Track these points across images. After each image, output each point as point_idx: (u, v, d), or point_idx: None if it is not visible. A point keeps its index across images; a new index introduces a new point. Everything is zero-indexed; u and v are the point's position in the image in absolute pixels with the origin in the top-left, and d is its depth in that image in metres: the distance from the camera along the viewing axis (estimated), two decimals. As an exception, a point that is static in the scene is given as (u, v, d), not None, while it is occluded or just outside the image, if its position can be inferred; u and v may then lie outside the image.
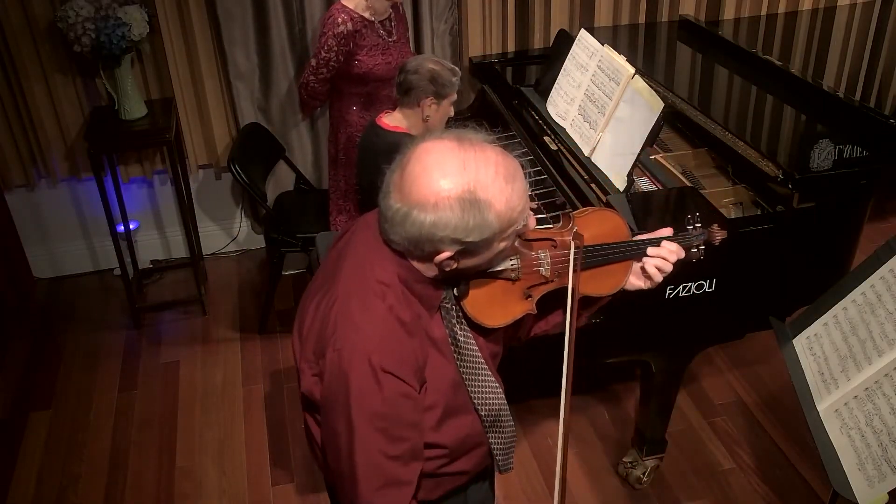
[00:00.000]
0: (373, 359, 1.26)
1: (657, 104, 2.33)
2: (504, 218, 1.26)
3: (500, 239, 1.29)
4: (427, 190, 1.22)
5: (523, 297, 1.44)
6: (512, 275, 1.41)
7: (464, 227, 1.23)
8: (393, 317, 1.31)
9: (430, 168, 1.23)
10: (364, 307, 1.31)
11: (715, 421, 2.91)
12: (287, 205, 3.48)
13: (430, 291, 1.36)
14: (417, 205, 1.23)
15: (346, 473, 1.31)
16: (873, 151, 2.38)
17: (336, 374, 1.29)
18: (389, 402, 1.28)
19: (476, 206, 1.22)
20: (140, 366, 3.29)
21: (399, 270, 1.33)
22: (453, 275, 1.34)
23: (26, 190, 3.58)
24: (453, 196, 1.21)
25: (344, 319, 1.30)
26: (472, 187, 1.22)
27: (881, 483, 1.58)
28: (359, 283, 1.33)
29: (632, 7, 3.72)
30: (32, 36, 3.18)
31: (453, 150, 1.24)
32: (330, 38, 2.81)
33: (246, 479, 2.76)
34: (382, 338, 1.29)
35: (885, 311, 1.72)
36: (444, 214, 1.22)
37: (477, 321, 1.41)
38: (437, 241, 1.25)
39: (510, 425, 1.58)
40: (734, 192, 2.47)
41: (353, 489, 1.31)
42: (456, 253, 1.27)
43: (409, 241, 1.27)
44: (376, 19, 2.90)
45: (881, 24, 3.52)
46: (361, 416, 1.28)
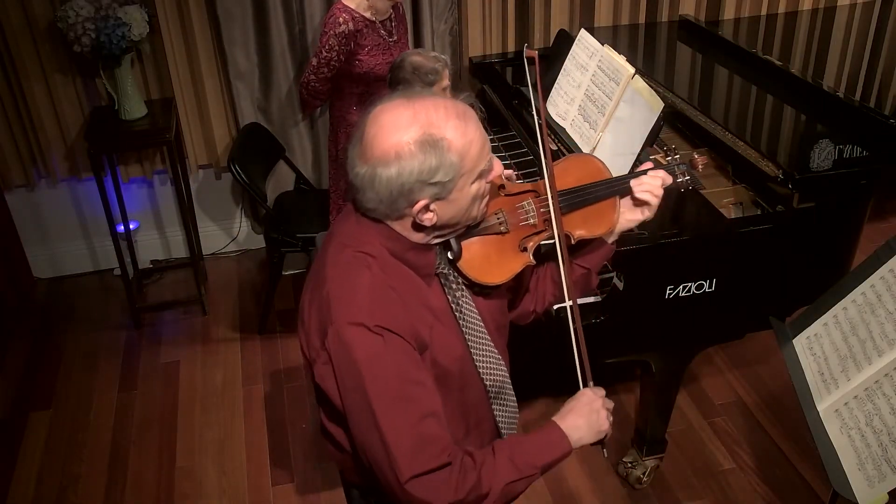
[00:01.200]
0: (367, 322, 1.29)
1: (657, 104, 2.33)
2: (465, 154, 1.29)
3: (469, 181, 1.32)
4: (386, 145, 1.26)
5: (519, 251, 1.46)
6: (501, 228, 1.44)
7: (428, 168, 1.26)
8: (380, 282, 1.33)
9: (385, 126, 1.27)
10: (351, 280, 1.33)
11: (715, 421, 2.91)
12: (287, 205, 3.48)
13: (422, 258, 1.38)
14: (380, 161, 1.27)
15: (376, 444, 1.30)
16: (873, 151, 2.38)
17: (340, 350, 1.30)
18: (395, 361, 1.30)
19: (434, 145, 1.26)
20: (140, 366, 3.29)
21: (384, 242, 1.36)
22: (437, 231, 1.36)
23: (26, 190, 3.58)
24: (411, 142, 1.26)
25: (336, 297, 1.32)
26: (428, 129, 1.26)
27: (881, 483, 1.58)
28: (344, 261, 1.35)
29: (632, 7, 3.72)
30: (32, 36, 3.18)
31: (403, 104, 1.29)
32: (331, 37, 2.81)
33: (246, 479, 2.76)
34: (372, 301, 1.31)
35: (885, 311, 1.72)
36: (406, 162, 1.26)
37: (478, 281, 1.43)
38: (408, 191, 1.28)
39: (513, 400, 1.60)
40: (734, 192, 2.47)
41: (387, 463, 1.30)
42: (431, 199, 1.30)
43: (383, 203, 1.30)
44: (377, 19, 2.91)
45: (881, 24, 3.52)
46: (375, 385, 1.29)
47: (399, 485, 1.29)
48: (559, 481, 2.69)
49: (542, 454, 1.40)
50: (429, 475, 1.29)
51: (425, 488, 1.29)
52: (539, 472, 1.39)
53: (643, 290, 2.15)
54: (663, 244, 2.12)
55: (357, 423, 1.33)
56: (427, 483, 1.29)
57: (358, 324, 1.29)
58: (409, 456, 1.29)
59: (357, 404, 1.31)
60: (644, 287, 2.16)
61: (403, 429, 1.29)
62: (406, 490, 1.29)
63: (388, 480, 1.31)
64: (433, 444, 1.31)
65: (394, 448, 1.28)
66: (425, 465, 1.29)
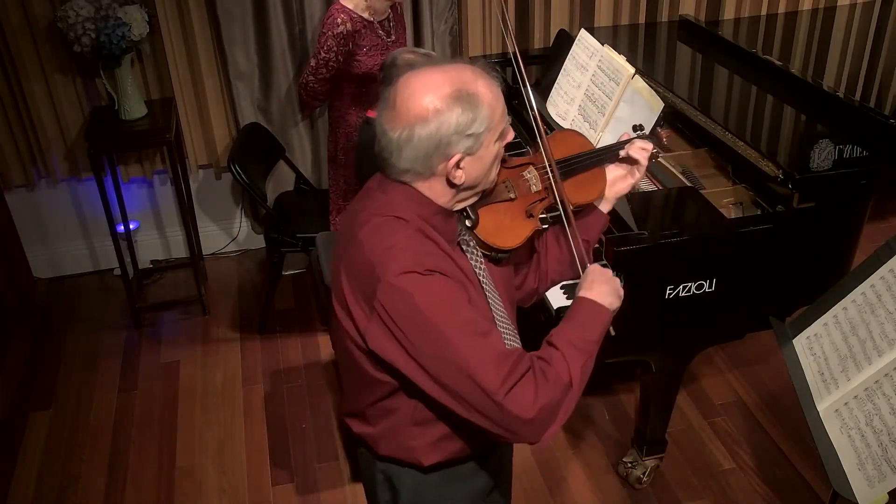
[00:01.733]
0: (416, 268, 1.33)
1: (657, 104, 2.33)
2: (495, 108, 1.38)
3: (492, 138, 1.40)
4: (422, 104, 1.33)
5: (526, 216, 1.57)
6: (510, 195, 1.55)
7: (465, 120, 1.34)
8: (420, 234, 1.39)
9: (417, 89, 1.35)
10: (388, 239, 1.37)
11: (715, 421, 2.91)
12: (287, 205, 3.48)
13: (446, 223, 1.45)
14: (417, 120, 1.33)
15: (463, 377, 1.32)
16: (873, 151, 2.38)
17: (395, 302, 1.33)
18: (451, 294, 1.35)
19: (469, 98, 1.34)
20: (140, 366, 3.29)
21: (413, 206, 1.41)
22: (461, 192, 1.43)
23: (26, 190, 3.58)
24: (447, 97, 1.33)
25: (377, 257, 1.36)
26: (461, 85, 1.35)
27: (881, 483, 1.58)
28: (378, 225, 1.40)
29: (632, 7, 3.72)
30: (32, 36, 3.19)
31: (430, 68, 1.38)
32: (330, 38, 2.81)
33: (246, 479, 2.76)
34: (414, 250, 1.36)
35: (885, 311, 1.72)
36: (444, 116, 1.33)
37: (494, 246, 1.51)
38: (445, 145, 1.35)
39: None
40: (734, 192, 2.47)
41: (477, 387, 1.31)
42: (464, 153, 1.37)
43: (419, 160, 1.36)
44: (375, 19, 2.90)
45: (881, 24, 3.52)
46: (442, 318, 1.32)
47: (497, 406, 1.31)
48: (559, 481, 2.69)
49: (593, 329, 1.46)
50: (518, 386, 1.32)
51: (521, 400, 1.32)
52: (597, 346, 1.46)
53: (643, 291, 2.15)
54: (663, 244, 2.12)
55: (434, 365, 1.34)
56: (520, 394, 1.32)
57: (407, 272, 1.33)
58: (495, 373, 1.31)
59: (429, 346, 1.33)
60: (644, 287, 2.16)
61: (480, 351, 1.32)
62: (506, 408, 1.31)
63: (484, 407, 1.33)
64: (510, 356, 1.34)
65: (479, 372, 1.31)
66: (512, 378, 1.32)
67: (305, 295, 3.67)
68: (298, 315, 3.55)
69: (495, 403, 1.31)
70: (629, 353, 2.40)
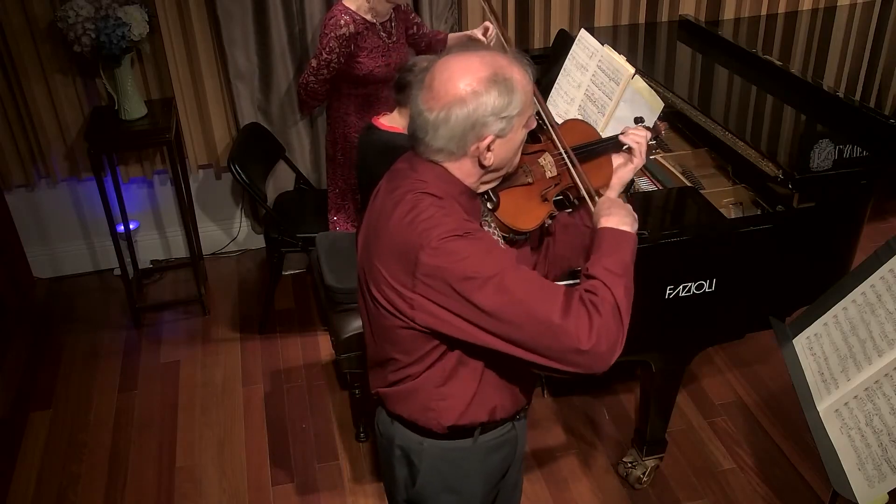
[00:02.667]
0: (458, 232, 1.38)
1: (657, 104, 2.33)
2: (527, 94, 1.45)
3: (521, 122, 1.46)
4: (459, 87, 1.39)
5: (542, 200, 1.63)
6: (528, 179, 1.61)
7: (502, 103, 1.40)
8: (455, 203, 1.45)
9: (455, 72, 1.40)
10: (426, 210, 1.41)
11: (715, 421, 2.91)
12: (287, 205, 3.48)
13: (471, 203, 1.51)
14: (456, 102, 1.39)
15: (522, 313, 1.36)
16: (873, 151, 2.38)
17: (442, 265, 1.37)
18: (491, 246, 1.42)
19: (505, 83, 1.40)
20: (140, 366, 3.29)
21: (443, 185, 1.46)
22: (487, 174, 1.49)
23: (26, 190, 3.58)
24: (485, 80, 1.39)
25: (414, 229, 1.40)
26: (498, 70, 1.41)
27: (881, 483, 1.58)
28: (413, 202, 1.43)
29: (632, 7, 3.72)
30: (32, 36, 3.18)
31: (467, 54, 1.44)
32: (332, 39, 2.81)
33: (246, 479, 2.76)
34: (453, 218, 1.41)
35: (885, 311, 1.72)
36: (481, 99, 1.39)
37: (514, 227, 1.57)
38: (480, 125, 1.40)
39: None
40: (734, 192, 2.47)
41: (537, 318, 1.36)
42: (496, 135, 1.42)
43: (453, 140, 1.41)
44: (377, 21, 2.90)
45: (881, 24, 3.52)
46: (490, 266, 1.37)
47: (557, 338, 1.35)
48: (559, 481, 2.69)
49: (623, 253, 1.49)
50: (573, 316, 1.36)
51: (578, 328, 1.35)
52: (631, 267, 1.50)
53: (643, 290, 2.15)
54: (663, 244, 2.12)
55: (492, 312, 1.37)
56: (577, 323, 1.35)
57: (449, 236, 1.37)
58: (552, 306, 1.36)
59: (483, 294, 1.36)
60: (644, 287, 2.15)
61: (533, 288, 1.38)
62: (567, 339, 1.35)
63: (546, 341, 1.36)
64: (559, 289, 1.39)
65: (538, 306, 1.36)
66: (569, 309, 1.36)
67: (305, 295, 3.67)
68: (298, 315, 3.55)
69: (555, 336, 1.35)
70: (629, 353, 2.36)
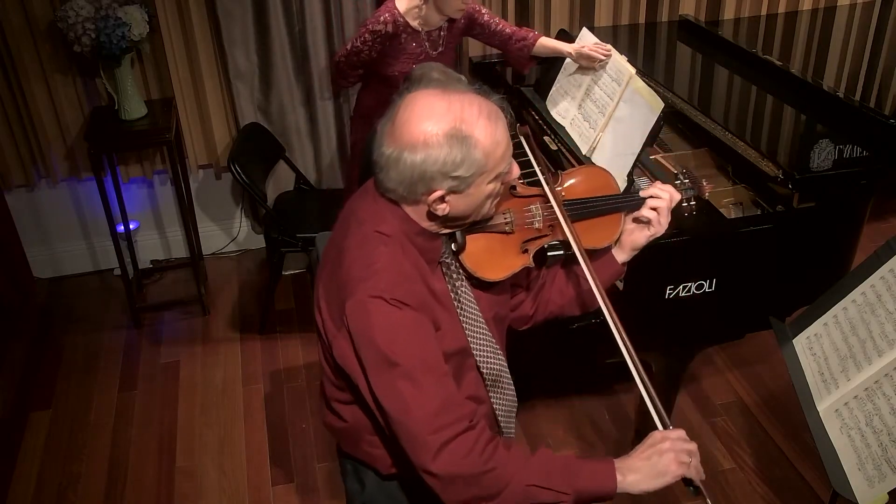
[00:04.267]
0: (385, 296, 1.33)
1: (657, 104, 2.33)
2: (490, 154, 1.33)
3: (486, 180, 1.36)
4: (416, 131, 1.30)
5: (520, 251, 1.51)
6: (506, 227, 1.48)
7: (452, 160, 1.30)
8: (397, 258, 1.38)
9: (418, 113, 1.31)
10: (370, 256, 1.37)
11: (715, 421, 2.91)
12: (287, 205, 3.48)
13: (429, 244, 1.43)
14: (408, 146, 1.31)
15: (402, 414, 1.32)
16: (873, 151, 2.38)
17: (359, 321, 1.33)
18: (413, 331, 1.34)
19: (463, 141, 1.30)
20: (140, 366, 3.29)
21: (398, 223, 1.40)
22: (446, 222, 1.40)
23: (26, 190, 3.58)
24: (441, 133, 1.29)
25: (354, 272, 1.36)
26: (458, 124, 1.30)
27: (881, 483, 1.58)
28: (363, 238, 1.39)
29: (632, 7, 3.72)
30: (32, 36, 3.18)
31: (438, 96, 1.33)
32: (367, 32, 2.76)
33: (246, 479, 2.76)
34: (390, 277, 1.35)
35: (885, 311, 1.72)
36: (433, 151, 1.30)
37: (477, 275, 1.47)
38: (429, 178, 1.32)
39: (511, 390, 1.62)
40: (734, 192, 2.47)
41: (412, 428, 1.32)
42: (447, 192, 1.34)
43: (403, 185, 1.34)
44: (424, 29, 2.83)
45: (881, 24, 3.52)
46: (395, 352, 1.32)
47: (427, 451, 1.30)
48: (559, 481, 2.69)
49: (582, 478, 1.34)
50: (455, 441, 1.31)
51: (452, 455, 1.30)
52: (571, 496, 1.33)
53: (643, 290, 2.15)
54: (663, 244, 2.12)
55: (382, 393, 1.35)
56: (454, 450, 1.30)
57: (376, 296, 1.32)
58: (434, 421, 1.31)
59: (378, 374, 1.34)
60: (644, 287, 2.16)
61: (426, 395, 1.32)
62: (427, 456, 1.30)
63: (416, 448, 1.32)
64: (455, 409, 1.33)
65: (418, 415, 1.31)
66: (450, 431, 1.31)
67: (305, 295, 3.67)
68: (298, 315, 3.54)
69: (419, 447, 1.31)
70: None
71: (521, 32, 2.91)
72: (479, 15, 2.91)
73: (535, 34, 2.90)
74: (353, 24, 3.35)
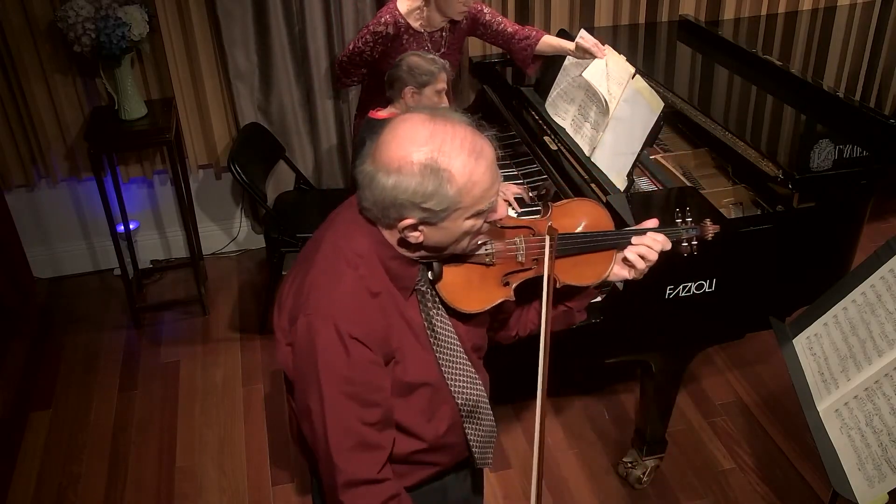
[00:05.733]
0: (339, 325, 1.30)
1: (657, 104, 2.33)
2: (465, 192, 1.28)
3: (463, 216, 1.31)
4: (393, 154, 1.27)
5: (500, 284, 1.45)
6: (486, 259, 1.43)
7: (422, 192, 1.26)
8: (363, 287, 1.34)
9: (399, 136, 1.28)
10: (335, 276, 1.34)
11: (715, 421, 2.91)
12: (287, 205, 3.48)
13: (403, 270, 1.39)
14: (383, 168, 1.28)
15: (320, 439, 1.33)
16: (873, 151, 2.38)
17: (304, 339, 1.32)
18: (357, 368, 1.31)
19: (436, 173, 1.26)
20: (140, 366, 3.29)
21: (374, 245, 1.37)
22: (421, 250, 1.37)
23: (26, 190, 3.58)
24: (416, 162, 1.26)
25: (316, 287, 1.34)
26: (436, 155, 1.26)
27: (881, 483, 1.58)
28: (335, 254, 1.37)
29: (632, 7, 3.72)
30: (32, 36, 3.18)
31: (424, 122, 1.29)
32: (368, 33, 2.79)
33: (246, 479, 2.76)
34: (350, 305, 1.32)
35: (885, 311, 1.72)
36: (404, 178, 1.26)
37: (453, 306, 1.43)
38: (399, 205, 1.28)
39: (489, 419, 1.58)
40: (734, 192, 2.47)
41: (326, 454, 1.33)
42: (419, 222, 1.30)
43: (376, 206, 1.32)
44: (426, 30, 2.84)
45: (881, 24, 3.52)
46: (330, 380, 1.30)
47: (333, 483, 1.33)
48: (559, 481, 2.69)
49: None
50: (360, 486, 1.32)
51: (353, 497, 1.32)
52: None
53: (643, 291, 2.15)
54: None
55: (304, 411, 1.35)
56: (356, 493, 1.32)
57: (329, 323, 1.30)
58: (347, 456, 1.31)
59: (308, 394, 1.33)
60: (644, 287, 2.15)
61: (346, 428, 1.31)
62: (337, 490, 1.32)
63: (325, 473, 1.35)
64: (374, 453, 1.33)
65: (333, 444, 1.31)
66: (359, 472, 1.32)
67: (305, 295, 3.67)
68: (298, 315, 3.54)
69: (332, 481, 1.33)
70: (629, 353, 2.40)
71: (524, 31, 2.91)
72: (482, 15, 2.91)
73: (538, 32, 2.91)
74: (353, 25, 3.35)
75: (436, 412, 1.47)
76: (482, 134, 1.32)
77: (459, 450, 1.56)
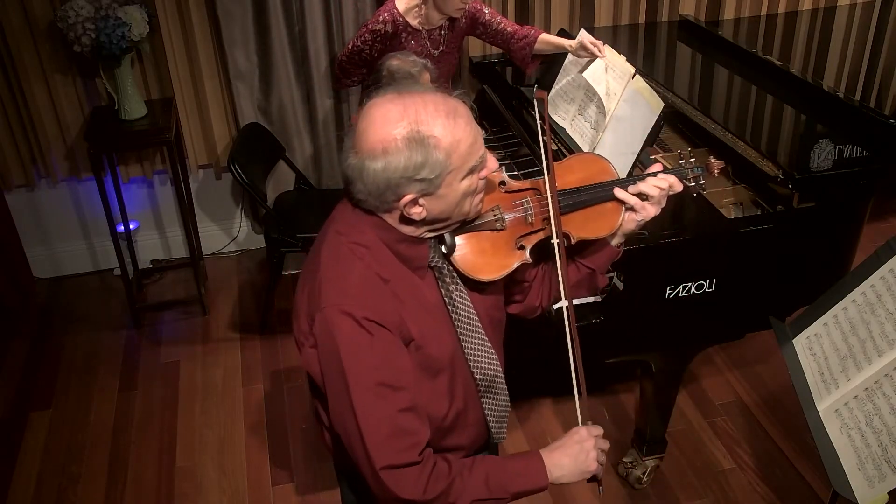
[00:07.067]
0: (355, 312, 1.31)
1: (657, 104, 2.33)
2: (453, 152, 1.30)
3: (458, 177, 1.32)
4: (374, 138, 1.28)
5: (515, 248, 1.46)
6: (497, 224, 1.44)
7: (413, 164, 1.28)
8: (373, 274, 1.36)
9: (375, 120, 1.29)
10: (344, 268, 1.36)
11: (715, 421, 2.91)
12: (287, 205, 3.48)
13: (413, 250, 1.40)
14: (368, 155, 1.29)
15: (354, 433, 1.33)
16: (873, 151, 2.38)
17: (325, 334, 1.33)
18: (381, 353, 1.33)
19: (421, 143, 1.27)
20: (140, 366, 3.29)
21: (378, 232, 1.38)
22: (427, 225, 1.38)
23: (26, 190, 3.58)
24: (398, 138, 1.27)
25: (326, 281, 1.36)
26: (415, 128, 1.27)
27: (881, 483, 1.58)
28: (338, 249, 1.38)
29: (632, 7, 3.72)
30: (32, 36, 3.18)
31: (393, 100, 1.30)
32: (367, 31, 2.79)
33: (246, 479, 2.76)
34: (362, 292, 1.34)
35: (885, 311, 1.72)
36: (392, 158, 1.27)
37: (471, 276, 1.44)
38: (395, 185, 1.29)
39: (504, 394, 1.62)
40: (734, 192, 2.47)
41: (362, 448, 1.33)
42: (418, 194, 1.31)
43: (372, 195, 1.32)
44: (425, 28, 2.84)
45: (881, 24, 3.52)
46: (357, 372, 1.31)
47: (373, 472, 1.33)
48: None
49: (517, 481, 1.41)
50: (401, 469, 1.32)
51: (396, 480, 1.32)
52: (509, 498, 1.40)
53: (643, 290, 2.15)
54: (663, 244, 2.12)
55: (336, 408, 1.36)
56: (399, 476, 1.32)
57: (346, 313, 1.31)
58: (383, 445, 1.32)
59: (337, 389, 1.34)
60: (644, 287, 2.16)
61: (380, 418, 1.32)
62: (379, 477, 1.32)
63: (363, 466, 1.35)
64: (407, 438, 1.33)
65: (368, 436, 1.31)
66: (397, 458, 1.32)
67: (305, 295, 3.67)
68: (298, 315, 3.54)
69: (372, 470, 1.33)
70: (629, 353, 2.40)
71: (523, 30, 2.91)
72: (481, 14, 2.91)
73: (536, 30, 2.90)
74: (352, 25, 3.35)
75: (455, 390, 1.49)
76: (451, 94, 1.35)
77: (479, 429, 1.58)
